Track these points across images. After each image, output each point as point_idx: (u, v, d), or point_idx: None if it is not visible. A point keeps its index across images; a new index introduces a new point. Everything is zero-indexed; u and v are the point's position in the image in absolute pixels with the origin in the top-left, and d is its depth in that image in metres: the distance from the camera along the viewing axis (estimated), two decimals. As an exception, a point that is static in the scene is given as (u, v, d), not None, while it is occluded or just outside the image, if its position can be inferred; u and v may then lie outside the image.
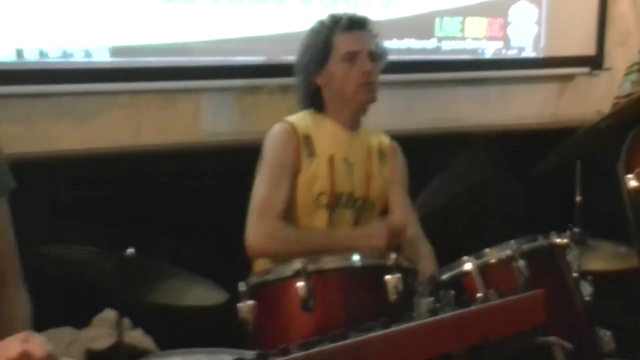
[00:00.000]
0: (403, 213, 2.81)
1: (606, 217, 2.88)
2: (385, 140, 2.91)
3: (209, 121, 3.52)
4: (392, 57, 3.00)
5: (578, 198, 2.82)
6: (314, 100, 2.78)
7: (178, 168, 3.37)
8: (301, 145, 2.68)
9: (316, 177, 2.68)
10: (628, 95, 2.89)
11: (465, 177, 3.24)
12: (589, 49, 4.43)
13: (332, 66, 2.72)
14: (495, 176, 3.86)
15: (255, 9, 3.54)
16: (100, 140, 3.27)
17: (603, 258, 3.01)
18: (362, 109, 2.80)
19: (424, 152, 3.36)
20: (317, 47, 2.74)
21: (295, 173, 2.66)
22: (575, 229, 2.69)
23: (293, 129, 2.70)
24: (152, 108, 3.39)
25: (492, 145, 3.97)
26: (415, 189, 2.99)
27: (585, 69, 4.43)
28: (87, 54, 3.19)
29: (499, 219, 3.91)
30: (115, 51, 3.24)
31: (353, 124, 2.78)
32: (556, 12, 4.30)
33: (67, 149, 3.21)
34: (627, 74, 2.91)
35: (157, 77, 3.36)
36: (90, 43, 3.19)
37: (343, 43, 2.72)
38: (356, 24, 2.75)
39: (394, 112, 3.80)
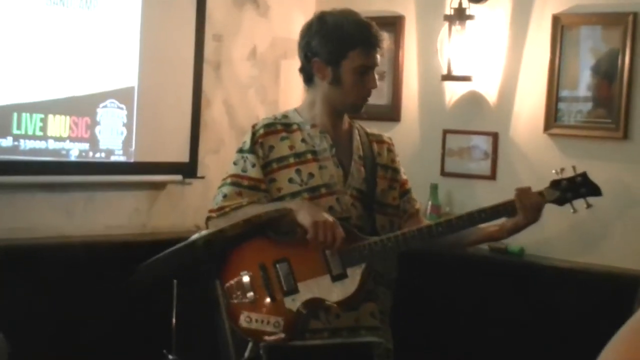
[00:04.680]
0: None
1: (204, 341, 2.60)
2: None
3: None
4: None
5: (174, 321, 2.52)
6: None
7: None
8: None
9: None
10: (220, 208, 2.57)
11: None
12: (182, 156, 4.18)
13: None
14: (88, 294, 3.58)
15: None
16: None
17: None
18: None
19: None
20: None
21: None
22: (171, 357, 2.51)
23: None
24: None
25: (77, 259, 3.65)
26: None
27: (178, 177, 4.17)
28: None
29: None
30: None
31: None
32: (147, 116, 4.01)
33: None
34: (220, 186, 2.64)
35: None
36: None
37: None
38: None
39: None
